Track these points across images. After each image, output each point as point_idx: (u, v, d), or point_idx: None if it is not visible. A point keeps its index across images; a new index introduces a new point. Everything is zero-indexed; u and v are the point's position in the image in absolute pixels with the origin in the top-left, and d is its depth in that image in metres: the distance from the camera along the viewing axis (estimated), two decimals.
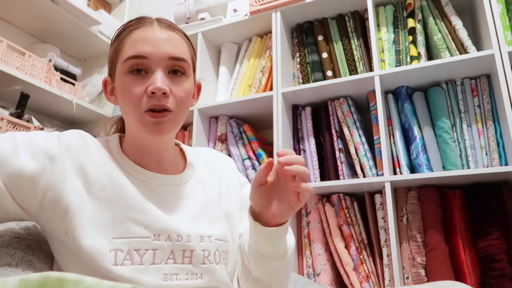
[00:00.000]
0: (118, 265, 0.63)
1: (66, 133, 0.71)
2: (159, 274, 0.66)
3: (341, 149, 1.54)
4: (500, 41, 1.30)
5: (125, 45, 0.71)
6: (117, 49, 0.73)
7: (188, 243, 0.69)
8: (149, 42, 0.70)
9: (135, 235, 0.65)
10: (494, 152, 1.32)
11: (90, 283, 0.28)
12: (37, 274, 0.30)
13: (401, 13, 1.58)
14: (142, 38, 0.70)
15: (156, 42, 0.70)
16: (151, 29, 0.72)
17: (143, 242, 0.65)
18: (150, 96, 0.67)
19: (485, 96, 1.39)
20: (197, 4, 1.97)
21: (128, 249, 0.64)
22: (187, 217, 0.72)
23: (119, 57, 0.72)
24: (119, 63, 0.72)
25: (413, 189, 1.39)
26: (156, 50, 0.69)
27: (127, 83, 0.69)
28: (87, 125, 2.16)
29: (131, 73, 0.69)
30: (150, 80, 0.68)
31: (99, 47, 2.21)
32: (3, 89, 1.73)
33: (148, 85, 0.68)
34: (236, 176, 0.86)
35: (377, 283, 1.37)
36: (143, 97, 0.68)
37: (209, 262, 0.71)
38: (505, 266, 1.20)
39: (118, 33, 0.75)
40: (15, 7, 1.86)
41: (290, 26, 1.81)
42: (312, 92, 1.60)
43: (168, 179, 0.75)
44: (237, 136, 1.71)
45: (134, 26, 0.73)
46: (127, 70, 0.69)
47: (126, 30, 0.73)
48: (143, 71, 0.69)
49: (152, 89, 0.67)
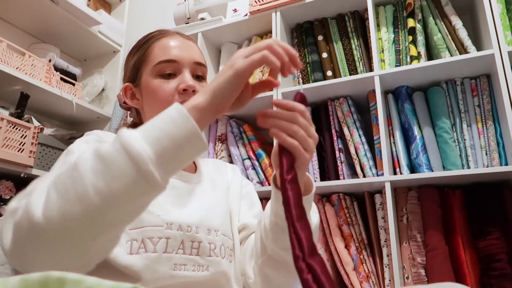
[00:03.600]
0: (133, 254, 0.65)
1: (96, 132, 0.76)
2: (169, 264, 0.68)
3: (341, 149, 1.54)
4: (500, 41, 1.30)
5: (153, 51, 0.79)
6: (144, 56, 0.80)
7: (196, 235, 0.72)
8: (177, 48, 0.79)
9: (149, 223, 0.68)
10: (494, 152, 1.32)
11: (90, 283, 0.28)
12: (37, 274, 0.30)
13: (401, 13, 1.58)
14: (172, 44, 0.79)
15: (182, 48, 0.79)
16: (176, 37, 0.81)
17: (156, 230, 0.68)
18: (181, 93, 0.75)
19: (485, 96, 1.39)
20: (197, 4, 1.97)
21: (142, 238, 0.66)
22: (197, 211, 0.76)
23: (146, 62, 0.79)
24: (147, 68, 0.79)
25: (413, 189, 1.39)
26: (184, 55, 0.78)
27: (158, 84, 0.76)
28: (87, 125, 2.17)
29: (161, 76, 0.77)
30: (179, 79, 0.77)
31: (99, 47, 2.21)
32: (3, 89, 1.73)
33: (179, 83, 0.76)
34: (239, 178, 0.92)
35: (377, 283, 1.37)
36: (174, 94, 0.75)
37: (215, 255, 0.74)
38: (505, 266, 1.20)
39: (142, 43, 0.83)
40: (15, 7, 1.86)
41: (290, 26, 1.81)
42: (312, 92, 1.60)
43: (186, 175, 0.80)
44: (237, 136, 1.71)
45: (159, 35, 0.82)
46: (157, 73, 0.77)
47: (151, 39, 0.81)
48: (172, 74, 0.77)
49: (184, 86, 0.75)
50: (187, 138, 0.51)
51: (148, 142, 0.49)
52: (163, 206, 0.71)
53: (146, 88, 0.78)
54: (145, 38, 0.83)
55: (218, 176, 0.88)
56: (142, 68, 0.80)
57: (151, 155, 0.49)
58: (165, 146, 0.50)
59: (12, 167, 1.53)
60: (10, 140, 1.51)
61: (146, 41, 0.82)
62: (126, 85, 0.83)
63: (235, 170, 0.95)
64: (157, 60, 0.78)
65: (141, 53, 0.81)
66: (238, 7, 1.87)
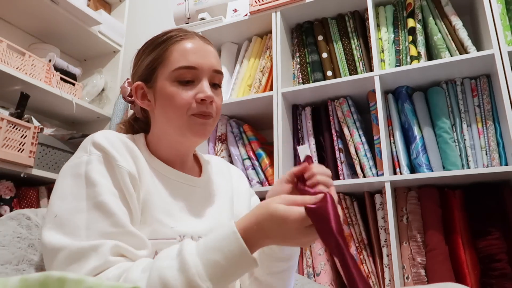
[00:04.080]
0: None
1: (100, 144, 0.73)
2: None
3: (341, 149, 1.54)
4: (500, 41, 1.30)
5: (172, 54, 0.76)
6: (161, 58, 0.77)
7: None
8: (198, 53, 0.76)
9: (163, 236, 0.69)
10: (494, 152, 1.32)
11: (91, 283, 0.28)
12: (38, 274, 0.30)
13: (401, 13, 1.58)
14: (191, 49, 0.77)
15: (203, 54, 0.77)
16: (196, 41, 0.79)
17: (169, 243, 0.68)
18: (199, 103, 0.74)
19: (485, 96, 1.39)
20: (197, 4, 1.97)
21: (156, 250, 0.67)
22: (206, 220, 0.77)
23: (164, 65, 0.76)
24: (164, 71, 0.76)
25: (413, 189, 1.39)
26: (204, 62, 0.76)
27: (176, 91, 0.74)
28: (87, 125, 2.17)
29: (179, 82, 0.75)
30: (198, 88, 0.75)
31: (99, 47, 2.21)
32: (3, 89, 1.73)
33: (197, 92, 0.75)
34: (246, 186, 0.93)
35: (377, 283, 1.37)
36: (192, 102, 0.74)
37: None
38: (505, 266, 1.20)
39: (160, 42, 0.79)
40: (15, 7, 1.86)
41: (290, 26, 1.81)
42: (312, 92, 1.60)
43: (191, 179, 0.80)
44: (237, 136, 1.71)
45: (178, 36, 0.78)
46: (175, 78, 0.75)
47: (170, 40, 0.78)
48: (190, 81, 0.76)
49: (203, 96, 0.74)
50: (242, 266, 0.58)
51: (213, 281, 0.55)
52: (174, 215, 0.72)
53: (161, 93, 0.76)
54: (163, 37, 0.79)
55: (221, 180, 0.88)
56: (158, 70, 0.77)
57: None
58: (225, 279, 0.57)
59: (12, 167, 1.53)
60: (10, 140, 1.51)
61: (164, 41, 0.78)
62: (137, 84, 0.79)
63: (242, 175, 0.95)
64: (177, 65, 0.75)
65: (158, 54, 0.78)
66: (238, 7, 1.87)
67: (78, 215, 0.61)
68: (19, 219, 0.72)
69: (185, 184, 0.79)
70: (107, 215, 0.62)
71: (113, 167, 0.67)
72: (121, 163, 0.67)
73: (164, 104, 0.76)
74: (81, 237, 0.59)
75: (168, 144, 0.79)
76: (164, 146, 0.79)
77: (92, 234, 0.60)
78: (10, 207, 1.57)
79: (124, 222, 0.63)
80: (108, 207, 0.62)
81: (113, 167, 0.67)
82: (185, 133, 0.76)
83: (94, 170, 0.65)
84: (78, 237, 0.59)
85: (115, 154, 0.68)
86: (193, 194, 0.79)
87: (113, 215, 0.62)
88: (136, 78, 0.81)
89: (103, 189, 0.64)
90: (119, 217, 0.62)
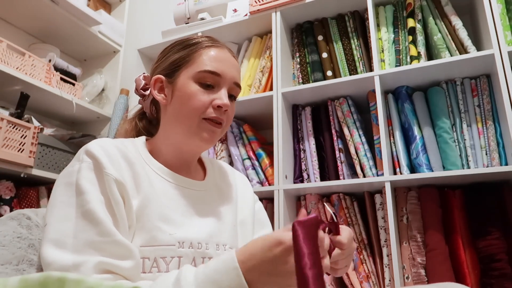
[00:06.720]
0: (146, 273, 0.66)
1: (93, 152, 0.73)
2: None
3: (341, 149, 1.54)
4: (500, 41, 1.30)
5: (200, 57, 0.80)
6: (189, 58, 0.80)
7: (206, 251, 0.73)
8: (224, 63, 0.80)
9: (161, 243, 0.68)
10: (494, 152, 1.32)
11: (91, 283, 0.28)
12: (38, 274, 0.30)
13: (401, 13, 1.58)
14: (220, 58, 0.81)
15: (229, 65, 0.81)
16: (225, 51, 0.83)
17: (168, 250, 0.68)
18: (215, 109, 0.77)
19: (485, 96, 1.39)
20: (197, 4, 1.97)
21: (155, 257, 0.67)
22: (206, 226, 0.77)
23: (190, 65, 0.79)
24: (188, 70, 0.79)
25: (413, 189, 1.39)
26: (228, 71, 0.80)
27: (195, 91, 0.77)
28: (87, 125, 2.17)
29: (201, 84, 0.78)
30: (217, 95, 0.78)
31: (99, 47, 2.21)
32: (3, 89, 1.73)
33: (215, 98, 0.78)
34: (251, 191, 0.94)
35: (377, 283, 1.37)
36: (208, 107, 0.77)
37: None
38: (505, 266, 1.20)
39: (191, 44, 0.82)
40: (15, 7, 1.86)
41: (290, 26, 1.81)
42: (312, 92, 1.60)
43: (193, 183, 0.81)
44: (237, 136, 1.71)
45: (209, 43, 0.83)
46: (198, 79, 0.78)
47: (201, 44, 0.82)
48: (211, 86, 0.78)
49: (220, 103, 0.77)
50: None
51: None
52: (174, 220, 0.72)
53: (181, 90, 0.78)
54: (194, 40, 0.83)
55: (225, 185, 0.89)
56: (182, 68, 0.80)
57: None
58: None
59: (12, 167, 1.53)
60: (10, 140, 1.51)
61: (195, 44, 0.82)
62: (158, 76, 0.82)
63: (246, 181, 0.96)
64: (203, 68, 0.78)
65: (186, 53, 0.81)
66: (238, 7, 1.87)
67: (66, 223, 0.62)
68: (19, 219, 0.72)
69: (188, 189, 0.79)
70: (93, 223, 0.62)
71: (102, 175, 0.67)
72: (109, 170, 0.68)
73: (180, 101, 0.78)
74: (67, 248, 0.60)
75: (173, 146, 0.80)
76: (169, 148, 0.80)
77: (78, 243, 0.61)
78: (10, 207, 1.57)
79: (111, 230, 0.63)
80: (96, 215, 0.63)
81: (102, 175, 0.67)
82: (192, 136, 0.77)
83: (84, 178, 0.66)
84: (64, 248, 0.60)
85: (105, 161, 0.68)
86: (196, 199, 0.79)
87: (99, 224, 0.62)
88: (158, 71, 0.83)
89: (91, 196, 0.64)
90: (106, 226, 0.63)
